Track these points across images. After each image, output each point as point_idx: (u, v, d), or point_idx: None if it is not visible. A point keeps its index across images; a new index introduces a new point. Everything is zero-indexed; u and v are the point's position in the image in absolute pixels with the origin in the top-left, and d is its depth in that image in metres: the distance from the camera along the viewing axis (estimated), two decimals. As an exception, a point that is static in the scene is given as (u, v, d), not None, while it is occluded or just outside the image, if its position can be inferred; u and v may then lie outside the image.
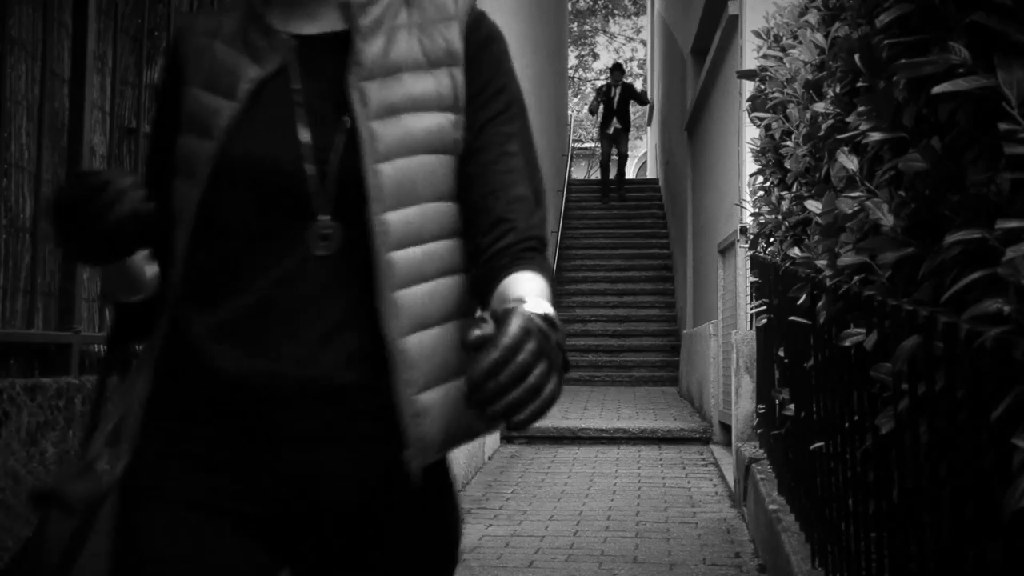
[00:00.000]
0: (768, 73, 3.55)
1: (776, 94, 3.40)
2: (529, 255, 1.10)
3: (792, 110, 3.19)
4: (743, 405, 5.21)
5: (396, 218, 1.11)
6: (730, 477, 5.72)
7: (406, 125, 1.13)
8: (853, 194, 2.14)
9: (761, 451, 4.68)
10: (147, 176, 1.23)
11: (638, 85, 30.03)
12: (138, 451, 1.14)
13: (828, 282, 2.41)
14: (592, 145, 29.90)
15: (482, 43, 1.20)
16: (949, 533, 1.64)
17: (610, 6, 26.97)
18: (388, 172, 1.11)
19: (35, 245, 2.06)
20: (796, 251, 3.02)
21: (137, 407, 1.16)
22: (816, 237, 2.61)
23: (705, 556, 4.22)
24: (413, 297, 1.11)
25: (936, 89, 1.59)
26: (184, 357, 1.13)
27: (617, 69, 14.93)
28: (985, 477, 1.47)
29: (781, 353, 3.66)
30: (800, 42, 3.01)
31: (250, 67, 1.15)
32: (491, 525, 4.86)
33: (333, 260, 1.12)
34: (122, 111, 2.50)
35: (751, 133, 4.89)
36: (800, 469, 3.28)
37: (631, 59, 28.89)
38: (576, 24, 26.53)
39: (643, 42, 26.77)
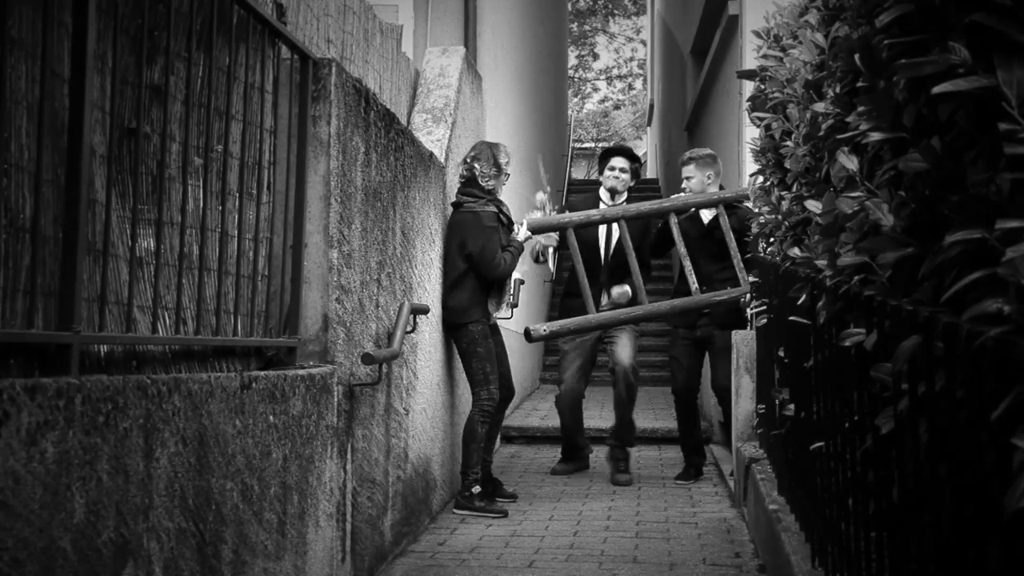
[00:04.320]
0: (768, 73, 3.55)
1: (776, 94, 3.40)
2: None
3: (792, 110, 3.18)
4: (743, 405, 5.20)
5: None
6: (730, 477, 5.72)
7: None
8: (853, 194, 2.14)
9: (761, 451, 4.68)
10: None
11: (638, 85, 29.87)
12: None
13: (828, 282, 2.42)
14: (591, 145, 29.80)
15: None
16: (949, 533, 1.64)
17: (610, 6, 26.96)
18: None
19: (35, 245, 2.06)
20: (796, 251, 3.02)
21: None
22: (816, 237, 2.61)
23: (705, 556, 4.22)
24: None
25: (936, 89, 1.59)
26: None
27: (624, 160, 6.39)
28: (985, 477, 1.47)
29: (781, 353, 3.66)
30: (800, 42, 3.01)
31: None
32: (491, 525, 4.86)
33: None
34: (122, 111, 2.50)
35: (751, 133, 4.89)
36: (800, 469, 3.28)
37: (631, 59, 28.88)
38: (576, 24, 26.53)
39: (643, 42, 26.77)
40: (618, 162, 6.25)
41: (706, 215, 5.93)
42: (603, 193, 6.22)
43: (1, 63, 1.91)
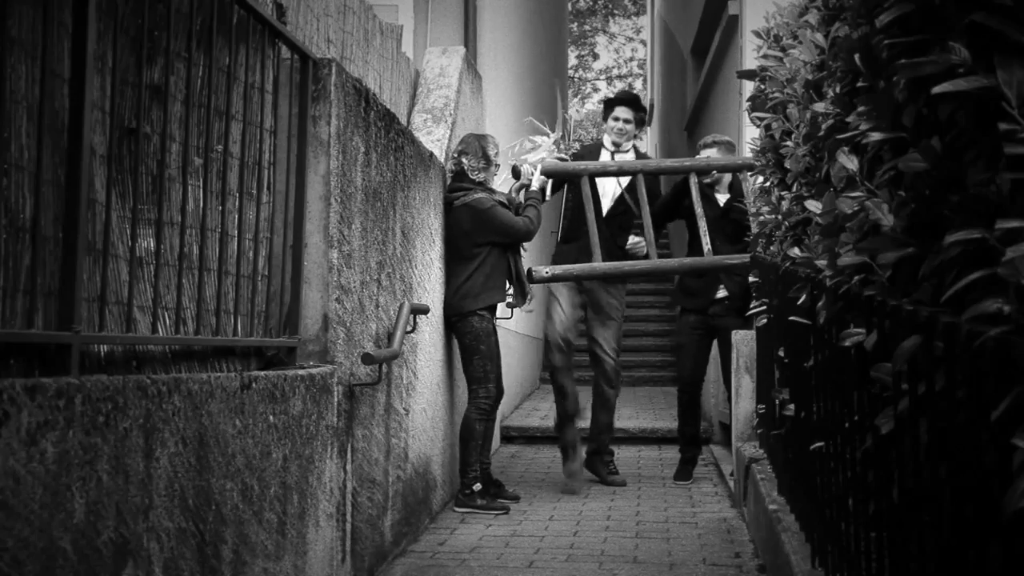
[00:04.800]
0: (768, 73, 3.55)
1: (776, 94, 3.40)
2: None
3: (792, 110, 3.18)
4: (743, 405, 5.20)
5: None
6: (730, 477, 5.72)
7: None
8: (853, 194, 2.14)
9: (761, 451, 4.68)
10: None
11: (638, 85, 29.83)
12: None
13: (828, 282, 2.41)
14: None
15: None
16: (949, 533, 1.64)
17: (610, 6, 26.97)
18: None
19: (35, 245, 2.06)
20: (796, 251, 3.02)
21: None
22: (816, 237, 2.61)
23: (705, 556, 4.22)
24: None
25: (936, 89, 1.59)
26: None
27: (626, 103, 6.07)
28: (985, 477, 1.47)
29: (781, 353, 3.66)
30: (800, 42, 3.01)
31: None
32: (491, 525, 4.86)
33: None
34: (122, 111, 2.50)
35: (751, 133, 4.89)
36: (800, 469, 3.28)
37: (631, 59, 28.88)
38: (576, 24, 26.53)
39: (643, 42, 26.77)
40: (622, 112, 5.94)
41: (721, 198, 5.90)
42: (607, 142, 5.99)
43: (1, 63, 1.91)
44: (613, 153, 5.93)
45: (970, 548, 1.54)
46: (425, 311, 4.73)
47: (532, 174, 5.43)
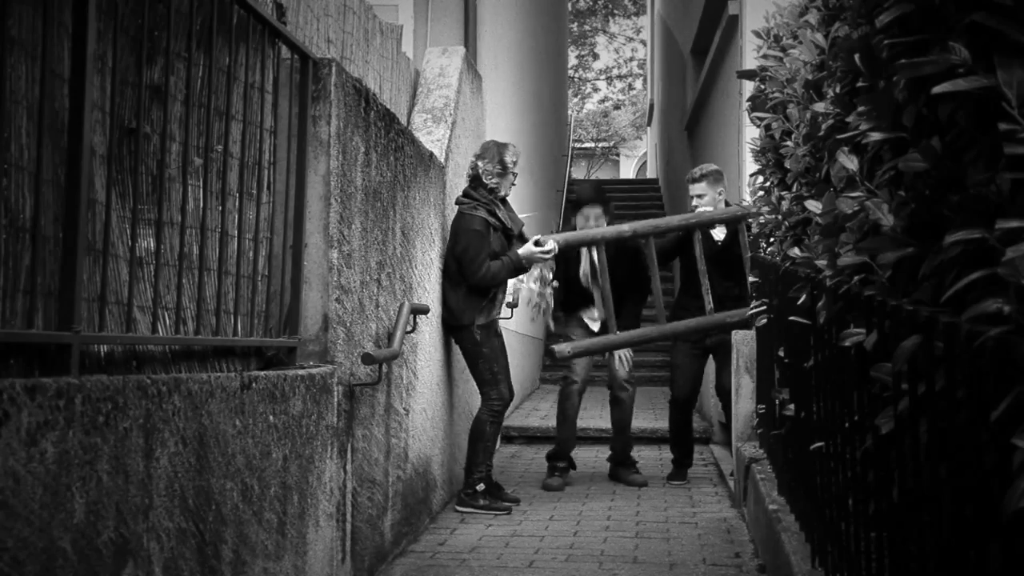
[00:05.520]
0: (768, 73, 3.55)
1: (776, 94, 3.40)
2: None
3: (792, 110, 3.18)
4: (743, 405, 5.20)
5: None
6: (730, 477, 5.72)
7: None
8: (853, 194, 2.14)
9: (761, 451, 4.68)
10: None
11: (638, 85, 29.80)
12: None
13: (828, 282, 2.42)
14: (592, 145, 29.72)
15: None
16: (949, 533, 1.64)
17: (610, 6, 26.95)
18: None
19: (35, 245, 2.06)
20: (796, 251, 3.02)
21: None
22: (816, 237, 2.61)
23: (705, 556, 4.22)
24: None
25: (936, 89, 1.59)
26: None
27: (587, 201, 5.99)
28: (985, 477, 1.47)
29: (781, 353, 3.67)
30: (800, 42, 3.01)
31: None
32: (491, 525, 4.86)
33: None
34: (122, 111, 2.50)
35: (751, 133, 4.89)
36: (800, 469, 3.28)
37: (631, 59, 28.88)
38: (576, 24, 26.52)
39: (643, 42, 26.76)
40: (592, 211, 5.89)
41: (718, 234, 5.89)
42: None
43: (1, 63, 1.91)
44: (590, 258, 5.91)
45: (970, 548, 1.54)
46: (425, 311, 4.73)
47: (550, 250, 5.27)
